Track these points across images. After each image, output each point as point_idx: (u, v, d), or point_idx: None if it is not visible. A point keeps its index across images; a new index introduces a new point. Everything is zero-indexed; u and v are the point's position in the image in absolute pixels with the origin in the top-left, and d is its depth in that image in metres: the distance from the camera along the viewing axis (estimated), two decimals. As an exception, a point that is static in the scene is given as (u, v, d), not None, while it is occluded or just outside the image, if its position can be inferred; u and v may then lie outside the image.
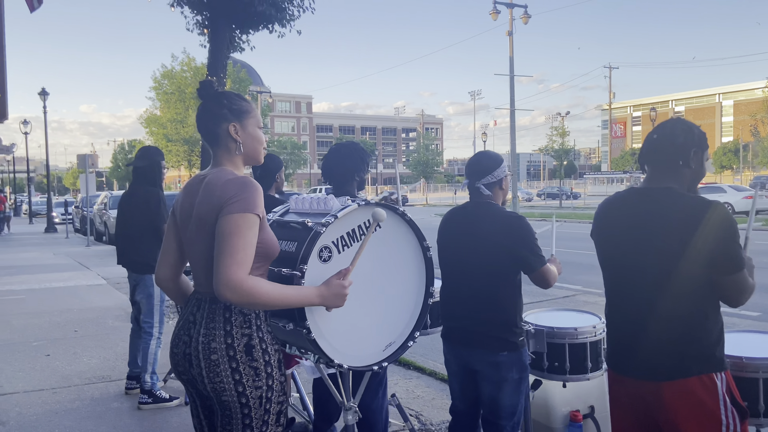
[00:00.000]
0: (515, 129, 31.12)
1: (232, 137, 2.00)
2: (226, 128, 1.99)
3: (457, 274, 2.83)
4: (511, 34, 30.20)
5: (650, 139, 2.18)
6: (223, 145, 2.01)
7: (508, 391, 2.73)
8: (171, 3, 10.30)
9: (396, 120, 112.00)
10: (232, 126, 2.00)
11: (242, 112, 2.02)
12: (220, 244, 1.80)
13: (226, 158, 2.02)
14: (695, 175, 2.14)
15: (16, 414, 4.51)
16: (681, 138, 2.11)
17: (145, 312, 4.65)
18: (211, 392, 1.90)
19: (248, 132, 2.03)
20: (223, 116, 2.00)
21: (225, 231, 1.80)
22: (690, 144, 2.11)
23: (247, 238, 1.81)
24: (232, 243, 1.79)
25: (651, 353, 2.07)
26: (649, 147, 2.17)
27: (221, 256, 1.79)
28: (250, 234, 1.82)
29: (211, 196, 1.90)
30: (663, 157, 2.13)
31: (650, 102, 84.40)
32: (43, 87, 25.31)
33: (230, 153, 2.02)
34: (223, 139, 2.00)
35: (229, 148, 2.01)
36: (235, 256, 1.78)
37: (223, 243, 1.79)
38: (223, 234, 1.80)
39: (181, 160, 40.32)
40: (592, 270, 11.63)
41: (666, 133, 2.14)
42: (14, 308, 8.70)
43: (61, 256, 15.95)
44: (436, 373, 5.24)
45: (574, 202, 45.43)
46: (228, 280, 1.76)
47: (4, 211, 26.35)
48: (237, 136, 2.00)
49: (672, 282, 2.02)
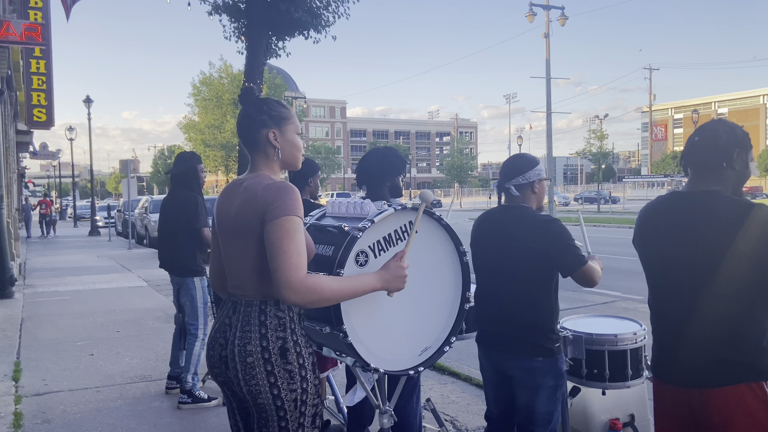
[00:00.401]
0: (552, 132, 30.74)
1: (271, 143, 2.03)
2: (265, 134, 2.03)
3: (492, 278, 2.80)
4: (548, 36, 29.86)
5: (692, 142, 2.13)
6: (262, 150, 2.04)
7: (543, 398, 2.68)
8: (210, 11, 10.53)
9: (430, 124, 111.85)
10: (271, 132, 2.03)
11: (282, 119, 2.05)
12: (273, 250, 1.83)
13: (264, 163, 2.05)
14: (739, 177, 2.09)
15: (61, 412, 4.65)
16: (724, 139, 2.06)
17: (190, 314, 4.76)
18: (247, 394, 1.93)
19: (287, 138, 2.06)
20: (263, 122, 2.03)
21: (275, 236, 1.83)
22: (733, 145, 2.06)
23: (296, 239, 1.84)
24: (284, 247, 1.82)
25: (696, 360, 2.02)
26: (691, 149, 2.12)
27: (277, 262, 1.81)
28: (299, 235, 1.85)
29: (251, 201, 1.93)
30: (706, 159, 2.08)
31: (692, 104, 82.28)
32: (87, 95, 26.09)
33: (268, 158, 2.05)
34: (262, 145, 2.04)
35: (267, 153, 2.04)
36: (290, 259, 1.81)
37: (276, 248, 1.82)
38: (273, 240, 1.83)
39: (219, 165, 41.08)
40: (632, 276, 11.39)
41: (708, 135, 2.09)
42: (60, 309, 8.98)
43: (104, 258, 16.41)
44: (471, 378, 5.20)
45: (612, 206, 44.59)
46: (289, 282, 1.79)
47: (50, 214, 27.26)
48: (276, 142, 2.03)
49: (717, 287, 1.97)
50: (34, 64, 16.25)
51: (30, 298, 9.91)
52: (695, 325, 2.02)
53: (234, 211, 1.99)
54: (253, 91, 2.10)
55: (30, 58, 16.01)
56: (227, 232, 2.03)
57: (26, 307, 9.07)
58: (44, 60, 16.38)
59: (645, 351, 3.09)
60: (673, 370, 2.09)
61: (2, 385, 5.25)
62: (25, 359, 6.14)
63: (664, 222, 2.14)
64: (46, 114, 16.54)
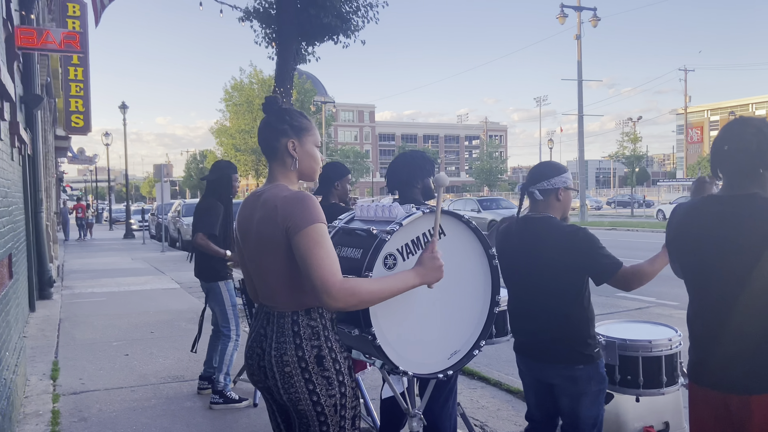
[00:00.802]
0: (583, 135, 30.34)
1: (289, 153, 2.05)
2: (285, 143, 2.04)
3: (523, 290, 2.76)
4: (580, 37, 29.53)
5: (720, 150, 2.07)
6: (280, 159, 2.06)
7: (587, 404, 2.66)
8: (241, 17, 10.69)
9: (459, 128, 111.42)
10: (291, 142, 2.04)
11: (302, 129, 2.07)
12: (306, 261, 1.84)
13: (282, 173, 2.07)
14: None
15: (97, 410, 4.76)
16: (755, 143, 1.99)
17: (221, 318, 4.85)
18: (287, 402, 1.96)
19: (305, 149, 2.07)
20: (284, 131, 2.05)
21: (304, 247, 1.85)
22: (765, 147, 1.99)
23: (325, 246, 1.86)
24: (315, 256, 1.83)
25: (737, 365, 1.97)
26: (721, 157, 2.06)
27: (311, 271, 1.83)
28: (327, 241, 1.87)
29: (271, 214, 1.94)
30: (740, 165, 2.02)
31: (729, 105, 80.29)
32: (123, 101, 26.74)
33: (286, 168, 2.06)
34: (280, 154, 2.05)
35: (285, 163, 2.06)
36: (324, 266, 1.82)
37: (308, 259, 1.84)
38: (303, 251, 1.85)
39: (249, 169, 41.64)
40: (667, 281, 11.01)
41: (736, 140, 2.03)
42: (96, 310, 9.20)
43: (139, 261, 16.76)
44: (501, 383, 5.15)
45: (646, 210, 43.71)
46: (327, 290, 1.81)
47: (87, 217, 27.97)
48: (294, 152, 2.05)
49: (757, 291, 1.92)
50: (72, 72, 16.71)
51: (68, 299, 10.18)
52: (737, 330, 1.97)
53: (255, 225, 2.01)
54: (276, 101, 2.12)
55: (68, 65, 16.47)
56: (251, 246, 2.04)
57: (64, 308, 9.32)
58: (82, 67, 16.82)
59: (680, 357, 3.02)
60: (713, 375, 2.04)
61: (41, 384, 5.40)
62: (62, 359, 6.31)
63: (701, 225, 2.09)
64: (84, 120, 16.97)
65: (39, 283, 9.65)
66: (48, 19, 13.59)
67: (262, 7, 10.61)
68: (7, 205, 5.31)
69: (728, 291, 1.99)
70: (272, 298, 2.00)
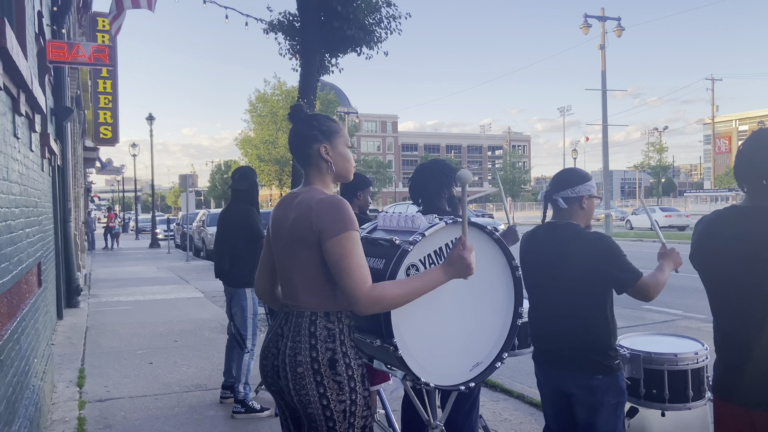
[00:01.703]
0: (608, 145, 30.03)
1: (323, 157, 2.08)
2: (317, 149, 2.08)
3: (544, 298, 2.74)
4: (603, 47, 29.29)
5: (742, 160, 2.04)
6: (315, 164, 2.09)
7: (604, 416, 2.61)
8: (266, 29, 10.82)
9: (481, 138, 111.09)
10: (323, 147, 2.08)
11: (332, 133, 2.10)
12: (338, 267, 1.89)
13: (317, 177, 2.10)
14: None
15: (121, 418, 4.82)
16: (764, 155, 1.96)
17: (240, 325, 4.87)
18: (298, 404, 1.97)
19: (338, 151, 2.11)
20: (314, 137, 2.08)
21: (337, 254, 1.89)
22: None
23: (356, 254, 1.89)
24: (347, 263, 1.87)
25: (764, 379, 1.92)
26: (744, 168, 2.03)
27: (343, 279, 1.88)
28: (358, 249, 1.90)
29: (306, 215, 1.97)
30: (761, 176, 1.98)
31: (757, 115, 78.81)
32: (150, 113, 27.22)
33: (321, 172, 2.10)
34: (314, 159, 2.09)
35: (320, 167, 2.09)
36: (355, 275, 1.87)
37: (340, 265, 1.88)
38: (336, 257, 1.89)
39: (273, 179, 42.01)
40: (693, 293, 10.92)
41: (758, 150, 2.00)
42: (122, 318, 9.34)
43: (164, 270, 16.98)
44: (524, 396, 5.09)
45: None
46: (357, 297, 1.86)
47: (115, 227, 28.45)
48: (328, 156, 2.08)
49: None
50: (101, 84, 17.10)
51: (94, 308, 10.35)
52: (761, 345, 1.93)
53: (289, 223, 2.04)
54: (302, 108, 2.15)
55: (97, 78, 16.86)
56: (282, 244, 2.08)
57: (90, 316, 9.47)
58: (110, 80, 17.22)
59: (708, 371, 2.96)
60: (738, 391, 2.00)
61: (68, 391, 5.49)
62: (89, 366, 6.41)
63: (726, 237, 2.05)
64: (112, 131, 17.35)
65: (67, 292, 9.83)
66: (78, 33, 13.94)
67: (286, 19, 10.74)
68: (37, 215, 5.44)
69: (752, 305, 1.95)
70: (294, 297, 2.03)
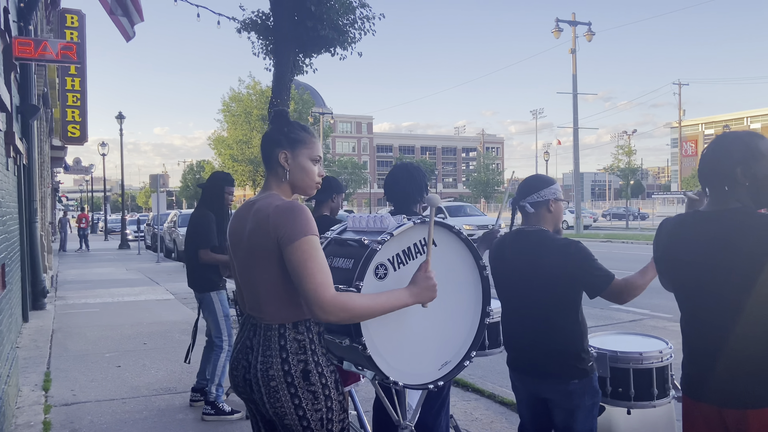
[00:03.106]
0: (579, 148, 30.49)
1: (280, 164, 2.05)
2: (277, 153, 2.05)
3: (517, 304, 2.77)
4: (575, 51, 29.73)
5: (705, 165, 2.09)
6: (274, 170, 2.08)
7: (581, 417, 2.66)
8: (239, 29, 10.74)
9: (456, 139, 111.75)
10: (283, 153, 2.05)
11: (297, 141, 2.07)
12: (298, 273, 1.84)
13: (276, 184, 2.08)
14: (758, 189, 2.02)
15: (88, 422, 4.73)
16: (739, 157, 2.00)
17: (213, 328, 4.83)
18: (273, 416, 1.95)
19: (298, 161, 2.06)
20: (278, 142, 2.06)
21: (296, 259, 1.84)
22: (733, 163, 2.00)
23: (318, 259, 1.85)
24: (308, 268, 1.83)
25: (735, 379, 1.97)
26: (706, 172, 2.08)
27: (304, 283, 1.83)
28: (319, 254, 1.87)
29: (263, 223, 1.94)
30: (723, 180, 2.04)
31: (723, 119, 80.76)
32: (120, 111, 26.74)
33: (279, 179, 2.07)
34: (273, 164, 2.07)
35: (278, 173, 2.07)
36: (316, 279, 1.82)
37: (300, 271, 1.83)
38: (296, 263, 1.84)
39: (246, 179, 41.61)
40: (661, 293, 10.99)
41: (719, 154, 2.05)
42: (89, 320, 9.16)
43: (133, 271, 16.70)
44: (495, 395, 5.14)
45: (641, 222, 43.83)
46: (320, 303, 1.81)
47: (87, 228, 27.87)
48: (286, 163, 2.05)
49: (753, 304, 1.92)
50: (69, 82, 16.76)
51: (61, 310, 10.13)
52: (732, 345, 1.97)
53: (246, 234, 2.00)
54: (284, 114, 2.14)
55: (65, 75, 16.52)
56: (242, 255, 2.04)
57: (57, 319, 9.27)
58: (79, 78, 16.88)
59: (671, 370, 3.03)
60: (709, 389, 2.04)
61: (33, 395, 5.36)
62: (55, 370, 6.27)
63: (691, 239, 2.09)
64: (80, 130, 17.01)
65: (32, 294, 9.61)
66: (46, 29, 13.64)
67: (259, 19, 10.67)
68: (1, 215, 5.30)
69: (721, 307, 1.99)
70: (259, 308, 1.99)
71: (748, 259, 1.92)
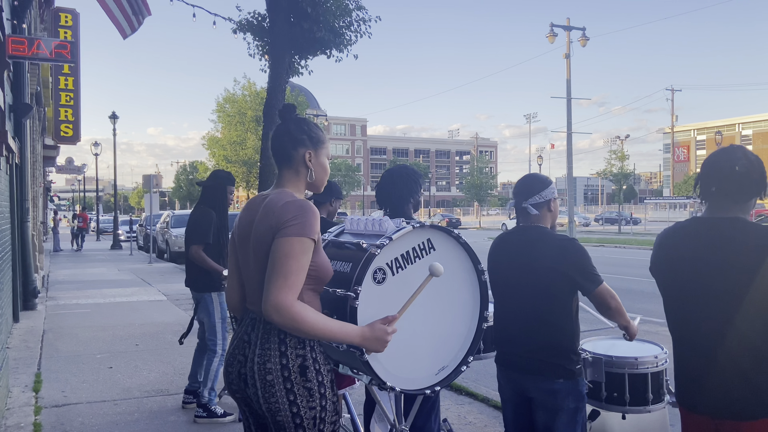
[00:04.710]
0: (572, 152, 30.60)
1: (305, 163, 2.06)
2: (302, 153, 2.06)
3: (511, 299, 2.79)
4: (569, 56, 29.83)
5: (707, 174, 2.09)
6: (294, 167, 2.07)
7: (563, 420, 2.65)
8: (234, 29, 10.72)
9: (449, 143, 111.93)
10: (308, 153, 2.07)
11: (319, 141, 2.10)
12: (274, 266, 1.83)
13: (292, 181, 2.07)
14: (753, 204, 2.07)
15: (79, 424, 4.69)
16: (741, 169, 2.01)
17: (208, 330, 4.77)
18: (266, 412, 1.93)
19: (320, 161, 2.10)
20: (302, 141, 2.07)
21: (280, 253, 1.84)
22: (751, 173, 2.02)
23: (300, 262, 1.84)
24: (286, 266, 1.83)
25: (728, 391, 1.97)
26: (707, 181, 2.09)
27: (273, 277, 1.82)
28: (305, 258, 1.86)
29: (269, 216, 1.94)
30: (723, 190, 2.04)
31: (715, 125, 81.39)
32: (113, 111, 26.57)
33: (298, 176, 2.08)
34: (295, 163, 2.07)
35: (298, 171, 2.08)
36: (287, 280, 1.81)
37: (278, 264, 1.83)
38: (278, 255, 1.84)
39: (240, 180, 41.49)
40: (653, 298, 11.19)
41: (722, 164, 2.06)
42: (81, 321, 9.09)
43: (125, 272, 16.60)
44: (488, 399, 5.14)
45: (633, 227, 44.03)
46: (277, 302, 1.80)
47: (87, 228, 27.56)
48: (310, 163, 2.07)
49: (745, 314, 1.92)
50: (62, 81, 16.66)
51: (52, 311, 10.05)
52: (725, 356, 1.97)
53: (254, 226, 2.00)
54: (294, 108, 2.14)
55: (59, 75, 16.41)
56: (246, 247, 2.04)
57: (48, 319, 9.20)
58: (72, 77, 16.78)
59: (666, 375, 3.03)
60: (702, 401, 2.04)
61: (23, 396, 5.31)
62: (45, 371, 6.21)
63: (686, 248, 2.10)
64: (73, 129, 16.89)
65: (23, 294, 9.54)
66: (40, 28, 13.56)
67: (255, 20, 10.65)
68: (-8, 214, 5.26)
69: (713, 315, 2.00)
70: (260, 303, 1.97)
71: (745, 269, 1.92)
